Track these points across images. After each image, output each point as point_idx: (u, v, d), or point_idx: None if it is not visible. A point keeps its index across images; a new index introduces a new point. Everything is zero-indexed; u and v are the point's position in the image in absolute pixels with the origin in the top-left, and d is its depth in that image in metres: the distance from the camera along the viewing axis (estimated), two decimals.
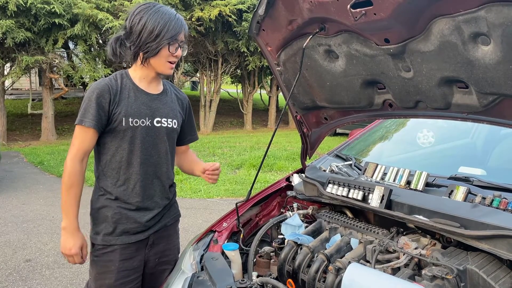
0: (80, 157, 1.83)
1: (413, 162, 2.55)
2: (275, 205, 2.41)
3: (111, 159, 1.88)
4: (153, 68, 1.90)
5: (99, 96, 1.81)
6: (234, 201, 2.47)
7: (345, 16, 1.58)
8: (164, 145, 1.97)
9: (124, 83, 1.90)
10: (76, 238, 1.86)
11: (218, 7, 11.78)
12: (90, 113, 1.80)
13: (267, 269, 1.91)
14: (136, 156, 1.88)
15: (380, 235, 1.76)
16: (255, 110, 17.62)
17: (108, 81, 1.87)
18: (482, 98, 1.56)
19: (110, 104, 1.83)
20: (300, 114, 2.29)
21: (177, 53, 1.87)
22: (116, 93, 1.85)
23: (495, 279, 1.40)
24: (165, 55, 1.85)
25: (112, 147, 1.88)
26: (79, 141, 1.83)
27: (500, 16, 1.28)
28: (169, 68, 1.89)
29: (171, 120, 1.98)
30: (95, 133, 1.84)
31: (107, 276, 1.90)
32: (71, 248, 1.85)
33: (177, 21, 1.86)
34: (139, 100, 1.89)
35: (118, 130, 1.85)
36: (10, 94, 18.21)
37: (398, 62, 1.66)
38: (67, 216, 1.84)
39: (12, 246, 4.44)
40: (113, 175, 1.89)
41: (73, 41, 11.76)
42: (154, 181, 1.95)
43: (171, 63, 1.88)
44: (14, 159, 9.18)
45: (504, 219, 1.49)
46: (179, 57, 1.90)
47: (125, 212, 1.89)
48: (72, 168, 1.82)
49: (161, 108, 1.95)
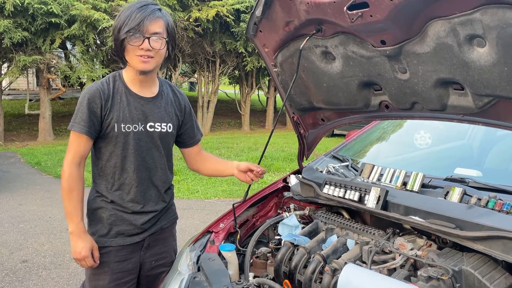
0: (77, 161, 1.82)
1: (409, 163, 2.56)
2: (272, 206, 2.41)
3: (105, 164, 1.87)
4: (131, 66, 1.82)
5: (90, 101, 1.78)
6: (231, 202, 2.47)
7: (342, 17, 1.58)
8: (158, 150, 1.93)
9: (116, 87, 1.85)
10: (85, 240, 1.82)
11: (215, 7, 11.79)
12: (81, 119, 1.77)
13: (263, 270, 1.91)
14: (130, 161, 1.86)
15: (376, 236, 1.76)
16: (253, 111, 17.63)
17: (99, 86, 1.82)
18: (478, 100, 1.57)
19: (102, 110, 1.80)
20: (297, 115, 2.29)
21: (143, 45, 1.73)
22: (108, 98, 1.81)
23: (490, 280, 1.41)
24: (131, 49, 1.75)
25: (106, 152, 1.85)
26: (74, 146, 1.81)
27: (495, 18, 1.29)
28: (140, 62, 1.77)
29: (165, 124, 1.94)
30: (88, 139, 1.81)
31: (101, 277, 1.89)
32: (81, 251, 1.81)
33: (143, 12, 1.73)
34: (131, 105, 1.85)
35: (111, 136, 1.83)
36: (7, 95, 18.16)
37: (394, 63, 1.67)
38: (72, 220, 1.81)
39: (8, 246, 4.43)
40: (108, 180, 1.87)
41: (71, 41, 11.75)
42: (150, 186, 1.93)
43: (140, 56, 1.76)
44: (11, 160, 9.15)
45: (499, 220, 1.50)
46: (151, 50, 1.75)
47: (120, 214, 1.89)
48: (70, 173, 1.80)
49: (154, 113, 1.90)
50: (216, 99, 14.96)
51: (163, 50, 1.82)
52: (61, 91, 13.02)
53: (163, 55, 1.85)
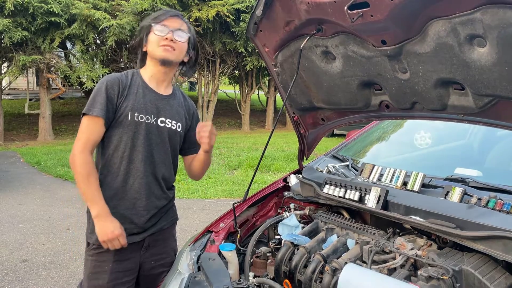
0: (89, 148, 1.83)
1: (410, 163, 2.56)
2: (272, 205, 2.41)
3: (113, 153, 1.89)
4: (152, 58, 1.92)
5: (109, 87, 1.84)
6: (231, 201, 2.47)
7: (342, 17, 1.59)
8: (166, 146, 1.98)
9: (134, 80, 1.94)
10: (114, 220, 1.82)
11: (215, 7, 11.79)
12: (99, 102, 1.82)
13: (264, 270, 1.91)
14: (138, 152, 1.89)
15: (376, 235, 1.76)
16: (253, 111, 17.63)
17: (119, 75, 1.92)
18: (478, 100, 1.57)
19: (118, 97, 1.86)
20: (297, 115, 2.29)
21: (167, 35, 1.86)
22: (125, 87, 1.89)
23: (490, 279, 1.41)
24: (154, 39, 1.87)
25: (115, 140, 1.88)
26: (88, 132, 1.83)
27: (496, 18, 1.29)
28: (162, 50, 1.87)
29: (175, 123, 2.00)
30: (103, 124, 1.84)
31: (100, 277, 1.89)
32: (113, 230, 1.80)
33: (165, 11, 1.91)
34: (146, 97, 1.93)
35: (123, 124, 1.87)
36: (7, 94, 18.17)
37: (395, 63, 1.67)
38: (95, 203, 1.80)
39: (8, 246, 4.43)
40: (114, 170, 1.89)
41: (71, 41, 11.75)
42: (154, 181, 1.95)
43: (163, 46, 1.87)
44: (11, 159, 9.15)
45: (499, 220, 1.50)
46: (174, 42, 1.88)
47: (122, 211, 1.89)
48: (84, 158, 1.81)
49: (167, 109, 1.98)
50: (216, 99, 14.96)
51: (185, 45, 1.94)
52: (61, 90, 13.00)
53: (184, 50, 1.95)
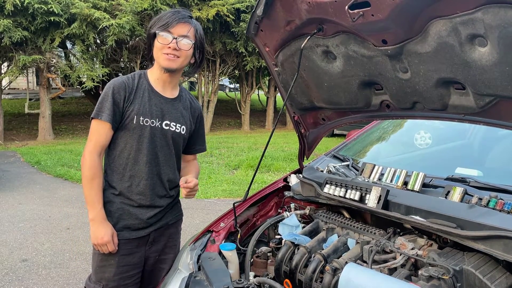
0: (98, 150, 1.89)
1: (410, 163, 2.56)
2: (273, 205, 2.41)
3: (119, 155, 1.93)
4: (157, 63, 1.93)
5: (115, 92, 1.87)
6: (231, 201, 2.47)
7: (343, 17, 1.58)
8: (170, 148, 2.01)
9: (140, 83, 1.95)
10: (106, 226, 1.89)
11: (216, 7, 11.79)
12: (107, 107, 1.86)
13: (264, 269, 1.91)
14: (143, 154, 1.93)
15: (377, 235, 1.76)
16: (253, 111, 17.63)
17: (125, 79, 1.94)
18: (479, 99, 1.57)
19: (125, 102, 1.89)
20: (297, 114, 2.29)
21: (171, 44, 1.85)
22: (131, 91, 1.91)
23: (491, 279, 1.41)
24: (159, 46, 1.87)
25: (121, 143, 1.92)
26: (96, 136, 1.89)
27: (497, 17, 1.29)
28: (166, 59, 1.88)
29: (180, 126, 2.02)
30: (110, 128, 1.88)
31: (107, 270, 1.94)
32: (103, 236, 1.87)
33: (175, 15, 1.87)
34: (152, 101, 1.95)
35: (129, 128, 1.91)
36: (7, 94, 18.19)
37: (396, 63, 1.66)
38: (93, 207, 1.88)
39: (8, 246, 4.43)
40: (120, 171, 1.94)
41: (71, 40, 11.74)
42: (158, 181, 1.99)
43: (167, 54, 1.86)
44: (11, 159, 9.15)
45: (500, 219, 1.49)
46: (178, 50, 1.86)
47: (127, 208, 1.94)
48: (92, 161, 1.87)
49: (171, 112, 2.00)
50: (216, 99, 14.96)
51: (189, 52, 1.92)
52: (61, 90, 13.01)
53: (189, 57, 1.94)
